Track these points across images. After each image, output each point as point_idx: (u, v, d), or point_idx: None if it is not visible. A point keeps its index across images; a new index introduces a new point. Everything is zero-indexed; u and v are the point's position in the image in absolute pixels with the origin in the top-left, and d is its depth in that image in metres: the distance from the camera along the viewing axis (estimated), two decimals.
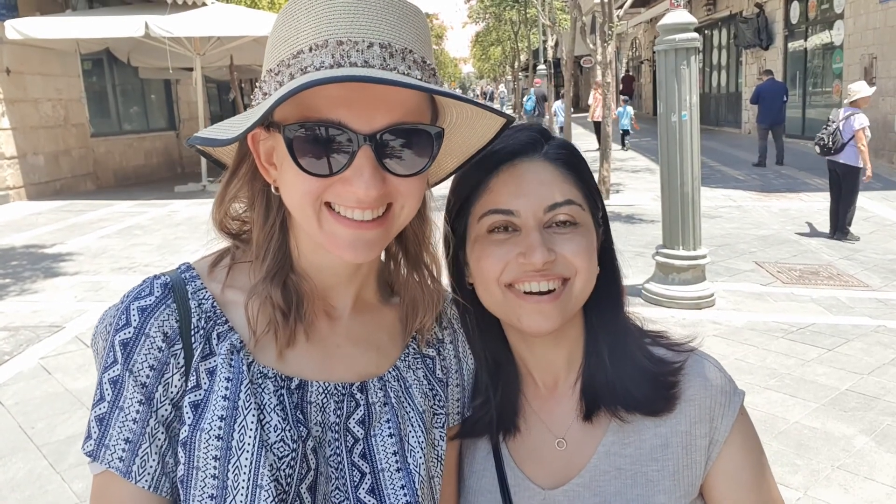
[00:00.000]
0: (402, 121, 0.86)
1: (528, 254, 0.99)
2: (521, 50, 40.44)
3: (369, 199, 0.85)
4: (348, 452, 0.96)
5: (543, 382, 1.13)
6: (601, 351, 1.09)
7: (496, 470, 1.11)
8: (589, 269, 1.03)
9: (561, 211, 1.03)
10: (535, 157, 1.06)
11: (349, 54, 0.83)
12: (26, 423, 4.39)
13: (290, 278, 0.96)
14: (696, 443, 1.04)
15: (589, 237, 1.05)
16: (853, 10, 15.38)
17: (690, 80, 5.99)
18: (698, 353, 1.10)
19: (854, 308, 6.16)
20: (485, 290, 1.06)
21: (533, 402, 1.13)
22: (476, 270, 1.07)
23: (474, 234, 1.07)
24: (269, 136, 0.90)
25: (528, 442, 1.12)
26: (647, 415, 1.05)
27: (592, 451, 1.07)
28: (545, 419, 1.12)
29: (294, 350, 0.96)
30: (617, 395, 1.06)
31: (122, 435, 0.88)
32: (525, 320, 1.02)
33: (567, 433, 1.10)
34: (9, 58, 13.26)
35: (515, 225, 1.03)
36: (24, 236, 10.34)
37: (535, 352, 1.12)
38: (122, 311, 0.90)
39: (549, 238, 1.01)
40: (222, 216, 0.99)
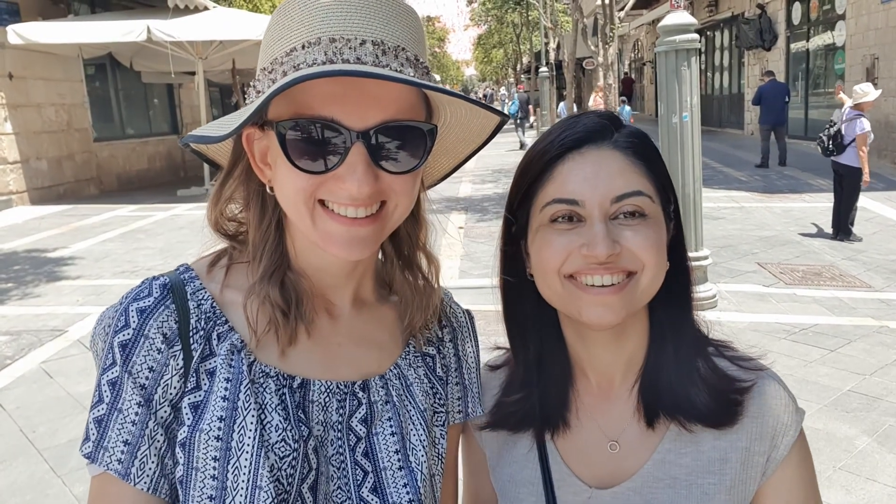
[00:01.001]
0: (394, 118, 0.86)
1: (591, 246, 0.94)
2: (523, 52, 40.46)
3: (362, 195, 0.86)
4: (351, 451, 0.96)
5: (598, 382, 1.09)
6: (666, 354, 1.04)
7: (540, 462, 1.08)
8: (657, 264, 0.97)
9: (628, 202, 0.96)
10: (603, 145, 0.99)
11: (342, 51, 0.83)
12: (28, 427, 4.40)
13: (288, 277, 0.96)
14: (755, 459, 1.01)
15: (658, 230, 0.99)
16: (855, 11, 15.36)
17: (691, 81, 5.98)
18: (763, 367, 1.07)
19: (857, 309, 6.14)
20: (544, 281, 1.01)
21: (585, 399, 1.09)
22: (536, 261, 1.02)
23: (536, 224, 1.02)
24: (264, 136, 0.90)
25: (577, 440, 1.08)
26: (709, 427, 1.01)
27: (647, 457, 1.04)
28: (598, 419, 1.08)
29: (296, 349, 0.96)
30: (679, 403, 1.02)
31: (121, 437, 0.87)
32: (586, 312, 0.96)
33: (621, 436, 1.06)
34: (11, 63, 13.30)
35: (580, 215, 0.97)
36: (26, 241, 10.37)
37: (592, 350, 1.07)
38: (121, 312, 0.90)
39: (615, 230, 0.95)
40: (217, 216, 0.99)
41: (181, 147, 1.02)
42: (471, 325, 1.17)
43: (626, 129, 1.02)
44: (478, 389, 1.17)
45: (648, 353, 1.06)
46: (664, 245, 1.00)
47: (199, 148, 1.01)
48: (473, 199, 12.93)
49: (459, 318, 1.16)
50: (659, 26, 6.18)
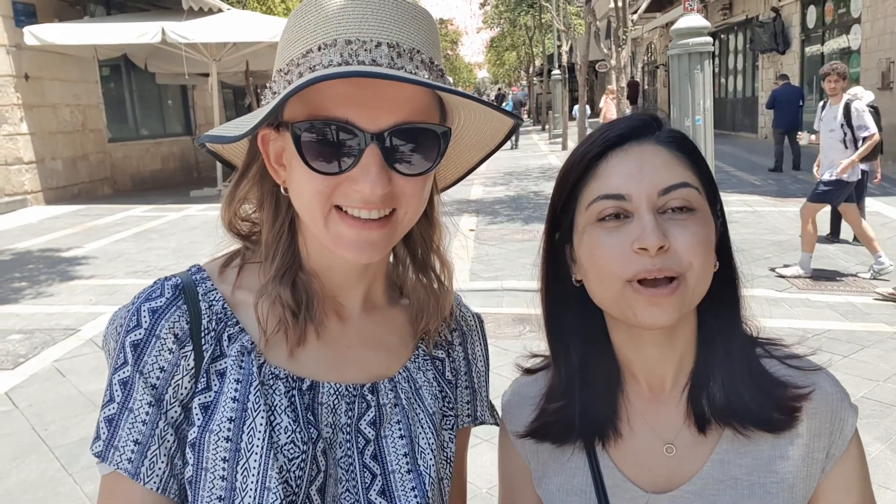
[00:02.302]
0: (409, 120, 0.86)
1: (641, 238, 0.91)
2: (536, 55, 40.42)
3: (375, 197, 0.86)
4: (359, 454, 0.96)
5: (649, 384, 1.06)
6: (716, 357, 1.02)
7: (591, 470, 1.05)
8: (704, 263, 0.94)
9: (676, 194, 0.94)
10: (646, 141, 0.98)
11: (357, 53, 0.84)
12: (40, 425, 4.43)
13: (300, 278, 0.97)
14: (815, 456, 0.99)
15: (706, 226, 0.96)
16: (870, 15, 15.25)
17: (704, 85, 5.95)
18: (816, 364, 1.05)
19: (870, 314, 6.09)
20: (599, 284, 0.97)
21: (636, 403, 1.06)
22: (589, 263, 0.98)
23: (583, 225, 0.99)
24: (279, 137, 0.91)
25: (630, 444, 1.05)
26: (765, 431, 0.99)
27: (705, 458, 1.01)
28: (651, 422, 1.05)
29: (305, 351, 0.96)
30: (732, 407, 0.99)
31: (132, 436, 0.88)
32: (640, 314, 0.93)
33: (676, 438, 1.03)
34: (28, 64, 13.43)
35: (627, 211, 0.94)
36: (41, 240, 10.45)
37: (643, 350, 1.04)
38: (133, 312, 0.91)
39: (664, 224, 0.93)
40: (231, 216, 1.00)
41: (197, 146, 1.02)
42: (480, 329, 1.17)
43: (668, 127, 1.02)
44: (486, 393, 1.16)
45: (698, 355, 1.04)
46: (712, 243, 0.98)
47: (215, 148, 1.02)
48: (485, 202, 12.92)
49: (469, 321, 1.16)
50: (672, 29, 6.16)
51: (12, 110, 13.31)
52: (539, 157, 21.80)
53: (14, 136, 13.39)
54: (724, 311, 1.04)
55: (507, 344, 5.14)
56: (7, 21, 13.11)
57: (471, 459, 1.24)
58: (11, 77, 13.22)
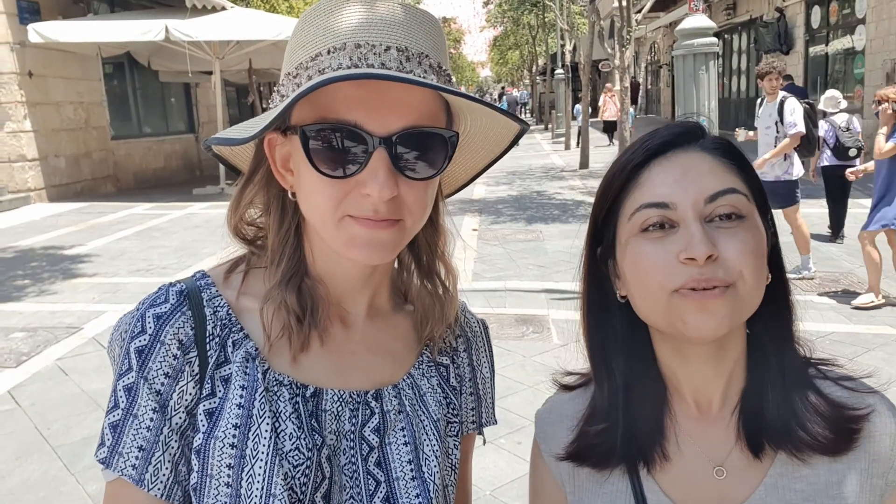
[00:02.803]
0: (417, 124, 0.86)
1: (689, 248, 0.86)
2: (539, 54, 40.40)
3: (383, 199, 0.85)
4: (363, 461, 0.96)
5: (697, 403, 1.00)
6: (768, 375, 0.96)
7: (634, 495, 0.99)
8: (755, 272, 0.88)
9: (724, 201, 0.89)
10: (691, 148, 0.93)
11: (366, 57, 0.84)
12: (42, 424, 4.43)
13: (305, 283, 0.96)
14: (874, 482, 0.94)
15: (756, 234, 0.90)
16: (875, 15, 15.22)
17: (709, 85, 5.94)
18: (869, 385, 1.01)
19: (874, 317, 6.07)
20: (645, 298, 0.92)
21: (683, 423, 1.00)
22: (633, 276, 0.93)
23: (626, 236, 0.94)
24: (286, 141, 0.91)
25: (677, 466, 0.99)
26: (823, 454, 0.94)
27: (758, 482, 0.96)
28: (699, 443, 0.99)
29: (309, 357, 0.96)
30: (787, 429, 0.94)
31: (136, 443, 0.87)
32: (689, 320, 0.88)
33: (727, 460, 0.98)
34: (31, 61, 13.44)
35: (672, 220, 0.89)
36: (43, 238, 10.46)
37: (691, 368, 0.98)
38: (138, 318, 0.90)
39: (712, 233, 0.87)
40: (237, 221, 0.99)
41: (204, 149, 1.02)
42: (485, 335, 1.16)
43: (712, 135, 0.97)
44: (491, 400, 1.16)
45: (749, 372, 0.99)
46: (764, 253, 0.92)
47: (221, 152, 1.02)
48: (487, 202, 12.92)
49: (474, 327, 1.15)
50: (677, 30, 6.15)
51: (16, 107, 13.33)
52: (542, 156, 21.79)
53: (17, 133, 13.41)
54: (776, 328, 0.98)
55: (510, 345, 5.14)
56: (11, 18, 13.12)
57: (474, 462, 1.23)
58: (15, 74, 13.23)
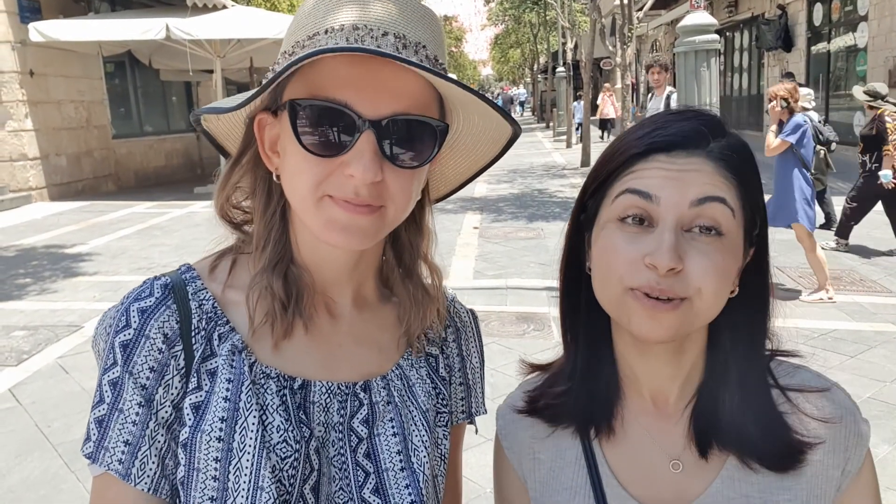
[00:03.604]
0: (408, 111, 0.86)
1: (655, 254, 0.86)
2: (541, 52, 40.40)
3: (366, 181, 0.85)
4: (352, 452, 0.96)
5: (653, 397, 1.02)
6: (726, 381, 0.97)
7: (593, 487, 1.01)
8: (716, 290, 0.88)
9: (708, 209, 0.88)
10: (695, 153, 0.90)
11: (363, 39, 0.84)
12: (43, 422, 4.43)
13: (291, 270, 0.96)
14: (829, 473, 0.96)
15: (731, 254, 0.90)
16: (877, 12, 15.18)
17: (710, 82, 5.93)
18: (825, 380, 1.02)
19: (877, 314, 6.06)
20: (603, 286, 0.94)
21: (640, 416, 1.02)
22: (598, 261, 0.94)
23: (605, 218, 0.94)
24: (276, 122, 0.91)
25: (634, 459, 1.01)
26: (767, 469, 0.94)
27: (715, 474, 0.97)
28: (656, 436, 1.01)
29: (297, 349, 0.95)
30: (738, 438, 0.95)
31: (122, 437, 0.87)
32: (636, 323, 0.89)
33: (683, 453, 0.99)
34: (32, 60, 13.45)
35: (651, 217, 0.89)
36: (44, 236, 10.47)
37: (648, 362, 1.00)
38: (122, 312, 0.90)
39: (684, 244, 0.87)
40: (223, 202, 0.99)
41: (192, 123, 1.01)
42: (474, 325, 1.16)
43: (727, 140, 0.93)
44: (481, 389, 1.15)
45: (706, 376, 0.99)
46: (732, 273, 0.92)
47: (210, 130, 1.01)
48: (489, 200, 12.91)
49: (463, 317, 1.14)
50: (678, 27, 6.13)
51: (17, 106, 13.34)
52: (543, 154, 21.77)
53: (19, 132, 13.42)
54: (742, 337, 0.98)
55: (510, 343, 5.13)
56: (12, 17, 13.13)
57: (474, 459, 1.22)
58: (16, 73, 13.24)
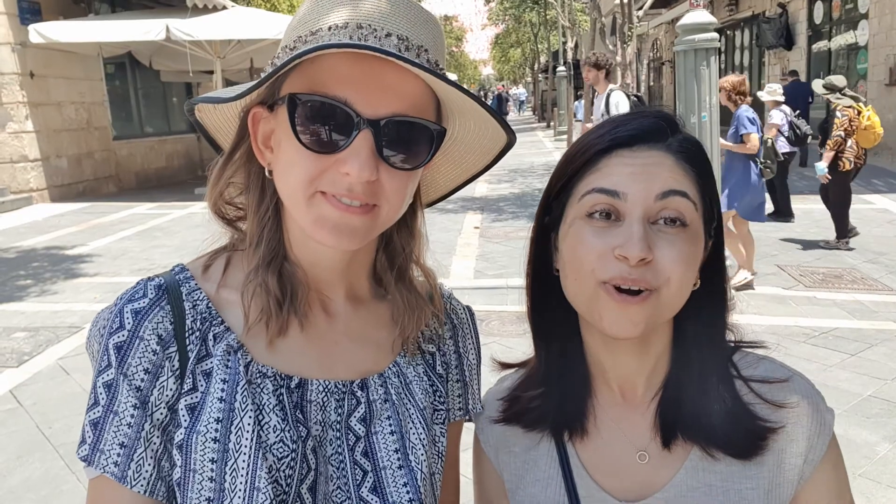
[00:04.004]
0: (406, 113, 0.86)
1: (625, 246, 0.89)
2: (541, 52, 40.38)
3: (360, 184, 0.85)
4: (350, 451, 0.95)
5: (622, 390, 1.05)
6: (689, 371, 1.00)
7: (564, 479, 1.04)
8: (682, 280, 0.92)
9: (672, 203, 0.91)
10: (656, 147, 0.94)
11: (366, 38, 0.84)
12: (44, 423, 4.43)
13: (285, 267, 0.95)
14: (792, 461, 0.98)
15: (694, 244, 0.94)
16: (878, 10, 15.16)
17: (710, 81, 5.92)
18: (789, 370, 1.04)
19: (878, 312, 6.05)
20: (573, 282, 0.96)
21: (609, 409, 1.05)
22: (568, 258, 0.96)
23: (572, 216, 0.96)
24: (271, 117, 0.90)
25: (603, 451, 1.04)
26: (731, 456, 0.97)
27: (679, 464, 1.00)
28: (624, 429, 1.04)
29: (293, 348, 0.95)
30: (701, 427, 0.98)
31: (117, 439, 0.87)
32: (607, 320, 0.92)
33: (650, 445, 1.02)
34: (33, 61, 13.46)
35: (618, 212, 0.92)
36: (45, 238, 10.48)
37: (616, 358, 1.03)
38: (116, 313, 0.89)
39: (652, 235, 0.91)
40: (216, 197, 0.98)
41: (186, 113, 1.01)
42: (471, 322, 1.16)
43: (683, 134, 0.98)
44: (478, 386, 1.15)
45: (671, 367, 1.02)
46: (696, 262, 0.95)
47: (204, 123, 1.01)
48: (489, 199, 12.90)
49: (460, 314, 1.14)
50: (678, 25, 6.12)
51: (17, 108, 13.35)
52: (544, 154, 21.76)
53: (19, 133, 13.43)
54: (704, 330, 1.02)
55: (511, 342, 5.12)
56: (12, 19, 13.13)
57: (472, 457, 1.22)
58: (17, 75, 13.25)
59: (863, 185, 12.15)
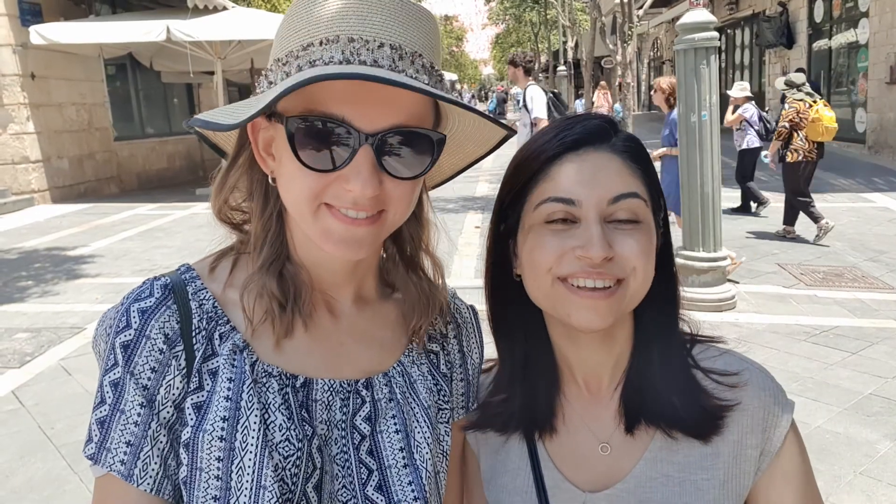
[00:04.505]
0: (404, 124, 0.86)
1: (586, 247, 0.93)
2: (542, 51, 40.37)
3: (365, 198, 0.85)
4: (355, 450, 0.96)
5: (586, 383, 1.09)
6: (650, 359, 1.04)
7: (532, 470, 1.08)
8: (646, 270, 0.97)
9: (625, 204, 0.96)
10: (602, 148, 0.99)
11: (359, 52, 0.83)
12: (46, 424, 4.44)
13: (287, 268, 0.96)
14: (747, 453, 1.01)
15: (650, 236, 0.99)
16: (878, 9, 15.15)
17: (710, 80, 5.92)
18: (749, 363, 1.06)
19: (878, 311, 6.05)
20: (534, 282, 1.00)
21: (574, 403, 1.09)
22: (527, 261, 1.00)
23: (528, 224, 1.00)
24: (270, 126, 0.90)
25: (568, 443, 1.08)
26: (692, 437, 1.01)
27: (639, 456, 1.03)
28: (588, 422, 1.08)
29: (298, 347, 0.96)
30: (662, 410, 1.02)
31: (124, 438, 0.87)
32: (575, 315, 0.96)
33: (612, 437, 1.06)
34: (34, 63, 13.46)
35: (575, 216, 0.96)
36: (47, 239, 10.48)
37: (581, 352, 1.07)
38: (123, 312, 0.90)
39: (610, 233, 0.95)
40: (221, 204, 0.99)
41: (185, 128, 1.00)
42: (475, 321, 1.17)
43: (623, 133, 1.03)
44: None
45: (633, 357, 1.06)
46: (654, 252, 1.00)
47: (205, 132, 1.01)
48: (490, 199, 12.88)
49: (464, 314, 1.15)
50: (678, 24, 6.13)
51: (19, 109, 13.35)
52: None
53: (21, 135, 13.43)
54: (660, 318, 1.06)
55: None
56: (13, 20, 13.14)
57: None
58: (18, 76, 13.25)
59: (863, 183, 12.15)
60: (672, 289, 1.07)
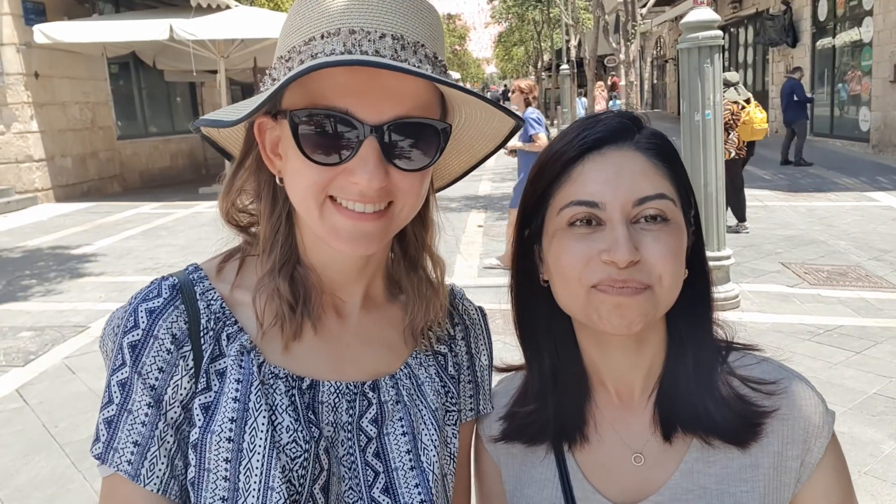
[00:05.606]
0: (409, 114, 0.85)
1: (611, 251, 0.89)
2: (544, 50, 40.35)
3: (371, 190, 0.85)
4: (361, 452, 0.96)
5: (618, 392, 1.04)
6: (685, 365, 1.00)
7: (560, 481, 1.04)
8: (674, 274, 0.93)
9: (651, 205, 0.92)
10: (625, 146, 0.95)
11: (361, 43, 0.82)
12: (50, 423, 4.45)
13: (298, 271, 0.96)
14: (788, 464, 0.97)
15: (679, 237, 0.95)
16: (882, 7, 15.12)
17: (714, 79, 5.91)
18: (788, 371, 1.03)
19: (883, 310, 6.03)
20: (564, 289, 0.96)
21: (605, 411, 1.05)
22: (555, 268, 0.97)
23: (553, 228, 0.97)
24: (276, 126, 0.90)
25: (599, 454, 1.04)
26: (731, 444, 0.97)
27: (674, 467, 0.99)
28: (620, 431, 1.04)
29: (305, 349, 0.95)
30: (699, 417, 0.97)
31: (131, 438, 0.87)
32: (605, 319, 0.92)
33: (645, 447, 1.02)
34: (37, 62, 13.49)
35: (599, 218, 0.92)
36: (51, 238, 10.50)
37: (611, 359, 1.03)
38: (130, 312, 0.90)
39: (636, 235, 0.91)
40: (229, 207, 0.98)
41: (192, 130, 1.00)
42: (483, 323, 1.16)
43: (648, 129, 0.98)
44: (489, 387, 1.15)
45: (667, 362, 1.02)
46: (683, 253, 0.96)
47: (211, 134, 1.01)
48: (493, 198, 12.90)
49: (472, 315, 1.14)
50: (681, 23, 6.12)
51: (22, 108, 13.38)
52: None
53: (24, 133, 13.46)
54: (693, 320, 1.02)
55: (515, 341, 5.11)
56: (17, 19, 13.17)
57: None
58: (21, 75, 13.28)
59: (867, 182, 12.13)
60: (705, 289, 1.03)
